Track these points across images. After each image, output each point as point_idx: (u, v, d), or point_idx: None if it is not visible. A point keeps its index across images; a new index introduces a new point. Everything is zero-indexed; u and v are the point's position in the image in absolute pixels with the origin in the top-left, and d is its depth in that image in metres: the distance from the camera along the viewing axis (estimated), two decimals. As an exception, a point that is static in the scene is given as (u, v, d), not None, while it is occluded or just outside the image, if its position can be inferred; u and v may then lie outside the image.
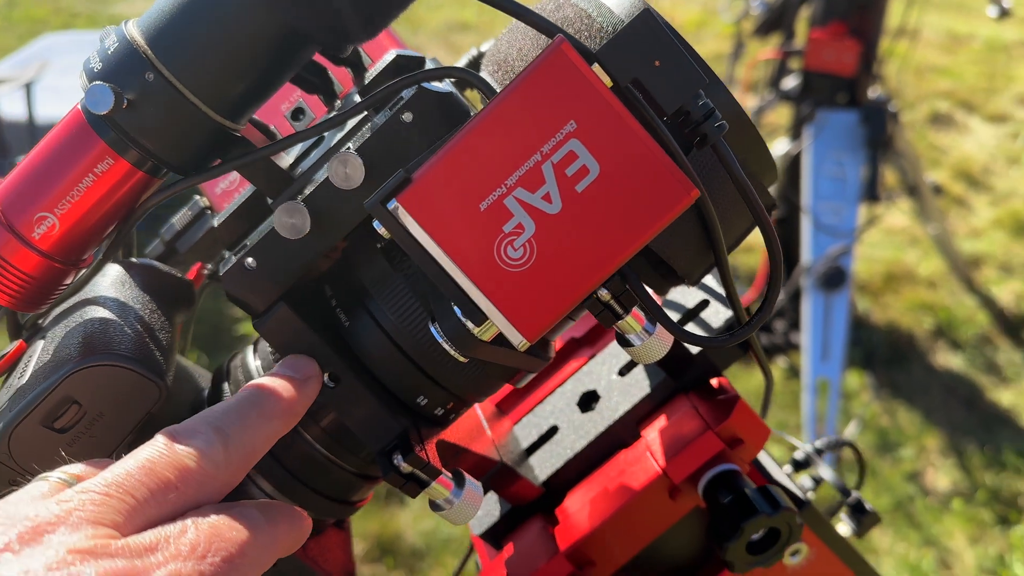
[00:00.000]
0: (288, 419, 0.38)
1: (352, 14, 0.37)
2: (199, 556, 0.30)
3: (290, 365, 0.40)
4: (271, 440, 0.37)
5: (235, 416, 0.36)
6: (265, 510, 0.34)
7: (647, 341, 0.40)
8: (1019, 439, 2.21)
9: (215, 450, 0.34)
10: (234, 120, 0.39)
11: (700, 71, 0.34)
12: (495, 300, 0.34)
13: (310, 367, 0.40)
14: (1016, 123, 3.78)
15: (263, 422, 0.36)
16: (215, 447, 0.34)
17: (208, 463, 0.33)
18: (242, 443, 0.35)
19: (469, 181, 0.34)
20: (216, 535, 0.31)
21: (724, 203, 0.40)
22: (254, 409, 0.36)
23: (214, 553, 0.30)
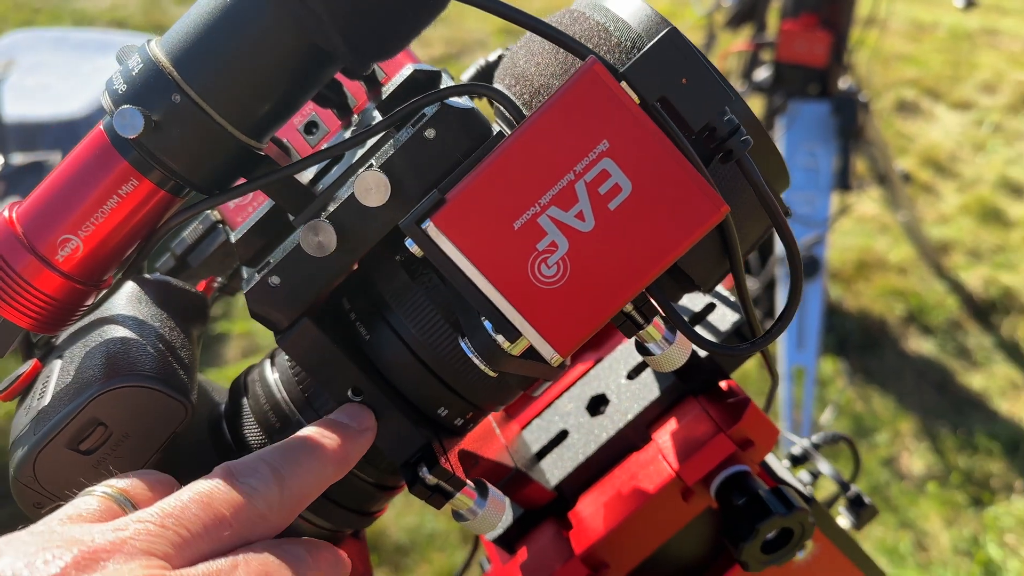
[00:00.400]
0: (342, 467, 0.38)
1: (377, 34, 0.37)
2: None
3: (349, 414, 0.41)
4: (324, 486, 0.37)
5: (293, 459, 0.36)
6: (312, 550, 0.35)
7: (667, 350, 0.41)
8: (990, 422, 2.26)
9: (271, 491, 0.34)
10: (258, 139, 0.39)
11: (725, 87, 0.35)
12: (529, 317, 0.35)
13: (368, 419, 0.41)
14: (980, 110, 3.85)
15: (319, 467, 0.37)
16: (271, 488, 0.34)
17: (263, 503, 0.34)
18: (297, 486, 0.35)
19: (503, 200, 0.34)
20: (264, 572, 0.31)
21: (741, 213, 0.40)
22: (312, 455, 0.37)
23: None
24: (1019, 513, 2.02)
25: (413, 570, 1.87)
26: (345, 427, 0.40)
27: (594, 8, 0.42)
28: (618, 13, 0.41)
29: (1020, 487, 2.09)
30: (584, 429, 0.57)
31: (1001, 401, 2.33)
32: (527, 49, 0.43)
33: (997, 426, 2.25)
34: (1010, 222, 3.06)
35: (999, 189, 3.25)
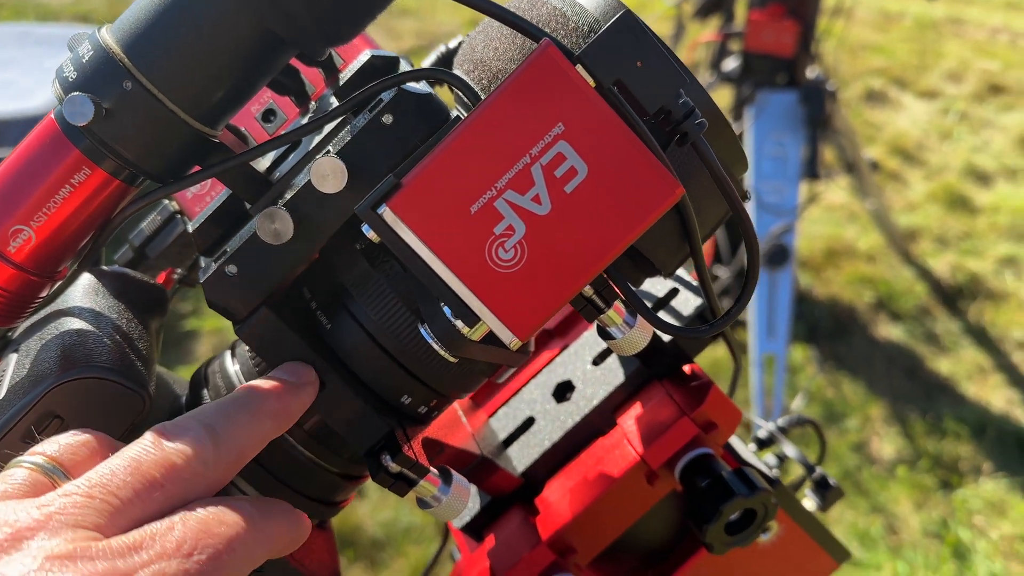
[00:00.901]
0: (280, 421, 0.37)
1: (332, 18, 0.37)
2: (185, 553, 0.29)
3: (287, 370, 0.40)
4: (262, 441, 0.36)
5: (226, 414, 0.35)
6: (260, 505, 0.34)
7: (628, 333, 0.41)
8: (959, 406, 2.30)
9: (204, 448, 0.33)
10: (212, 127, 0.39)
11: (680, 70, 0.35)
12: (487, 301, 0.35)
13: (307, 373, 0.40)
14: (946, 98, 3.90)
15: (255, 422, 0.36)
16: (204, 445, 0.33)
17: (197, 461, 0.33)
18: (232, 442, 0.34)
19: (459, 185, 0.34)
20: (204, 531, 0.30)
21: (699, 196, 0.41)
22: (246, 408, 0.36)
23: (201, 550, 0.30)
24: (987, 495, 2.06)
25: (389, 564, 1.87)
26: (282, 382, 0.39)
27: (552, -7, 0.42)
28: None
29: (988, 469, 2.12)
30: (550, 416, 0.57)
31: (968, 385, 2.36)
32: (485, 34, 0.43)
33: (965, 410, 2.28)
34: (976, 209, 3.10)
35: (965, 176, 3.29)
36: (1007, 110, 3.78)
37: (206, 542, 0.30)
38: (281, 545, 0.35)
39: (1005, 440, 2.20)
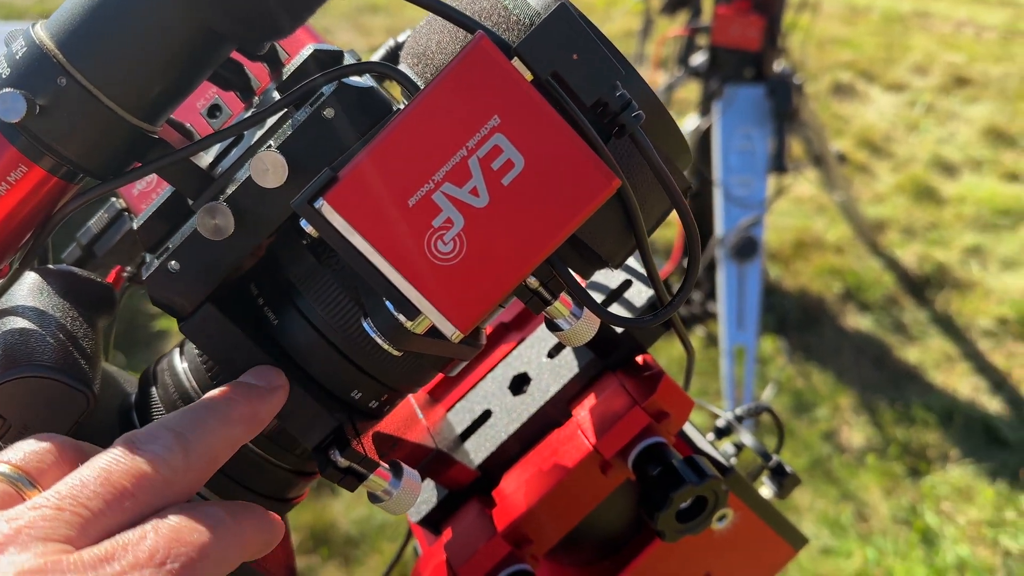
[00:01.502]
0: (251, 426, 0.37)
1: (271, 11, 0.36)
2: (158, 562, 0.29)
3: (256, 374, 0.40)
4: (233, 446, 0.36)
5: (196, 421, 0.35)
6: (232, 510, 0.34)
7: (575, 325, 0.41)
8: (926, 394, 2.33)
9: (174, 456, 0.33)
10: (151, 122, 0.38)
11: (616, 63, 0.35)
12: (427, 294, 0.35)
13: (278, 378, 0.40)
14: (913, 91, 3.94)
15: (225, 428, 0.36)
16: (174, 452, 0.33)
17: (166, 469, 0.32)
18: (203, 448, 0.34)
19: (396, 177, 0.34)
20: (176, 539, 0.30)
21: (643, 188, 0.41)
22: (216, 414, 0.36)
23: (174, 558, 0.30)
24: (954, 481, 2.09)
25: (364, 561, 1.87)
26: (251, 387, 0.38)
27: (495, -14, 0.42)
28: (517, -10, 0.41)
29: (955, 456, 2.15)
30: (507, 408, 0.58)
31: (936, 373, 2.40)
32: (429, 27, 0.43)
33: (932, 398, 2.31)
34: (943, 200, 3.14)
35: (932, 168, 3.33)
36: (972, 102, 3.83)
37: (179, 550, 0.30)
38: (254, 549, 0.35)
39: (971, 427, 2.23)
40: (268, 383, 0.39)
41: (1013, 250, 2.87)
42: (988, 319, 2.57)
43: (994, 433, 2.20)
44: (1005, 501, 2.03)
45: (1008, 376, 2.38)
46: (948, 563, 1.90)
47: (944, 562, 1.90)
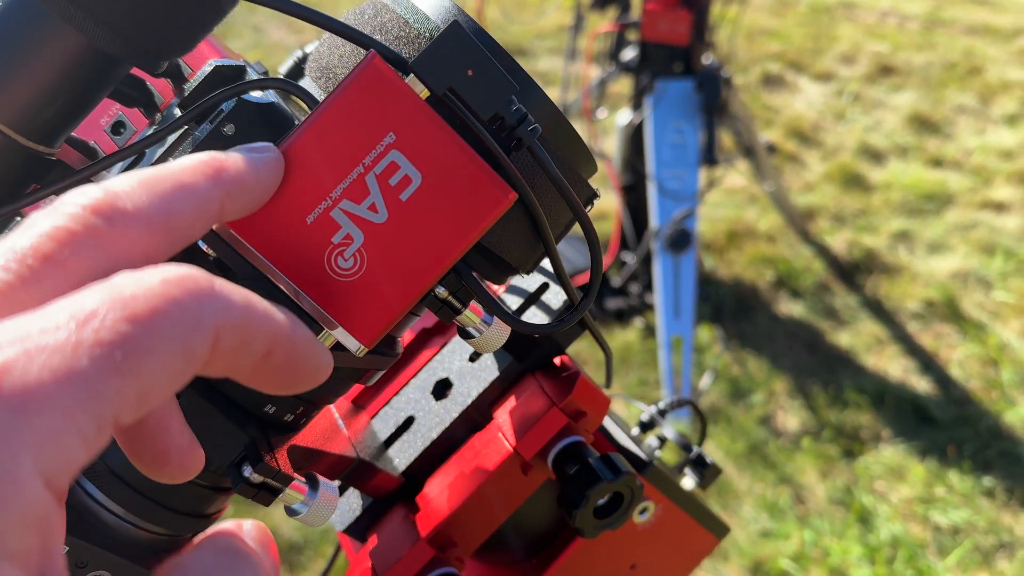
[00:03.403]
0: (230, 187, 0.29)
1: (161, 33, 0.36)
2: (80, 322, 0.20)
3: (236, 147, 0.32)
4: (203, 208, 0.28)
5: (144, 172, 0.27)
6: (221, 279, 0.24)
7: (486, 332, 0.42)
8: (858, 377, 2.39)
9: (104, 202, 0.25)
10: (48, 144, 0.38)
11: (510, 78, 0.36)
12: (329, 310, 0.35)
13: (263, 144, 0.33)
14: (840, 80, 4.03)
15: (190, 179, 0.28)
16: (103, 199, 0.25)
17: (97, 218, 0.24)
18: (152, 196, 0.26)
19: (293, 195, 0.34)
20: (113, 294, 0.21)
21: (547, 196, 0.42)
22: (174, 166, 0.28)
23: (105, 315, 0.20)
24: (887, 461, 2.15)
25: (308, 567, 1.86)
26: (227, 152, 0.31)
27: (396, 1, 0.43)
28: (418, 5, 0.42)
29: (887, 436, 2.22)
30: (430, 414, 0.58)
31: (867, 356, 2.46)
32: (332, 40, 0.43)
33: (864, 380, 2.38)
34: (870, 187, 3.23)
35: (859, 156, 3.42)
36: (897, 90, 3.94)
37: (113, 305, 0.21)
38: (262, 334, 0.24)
39: (902, 407, 2.30)
40: (249, 148, 0.32)
41: (938, 234, 2.96)
42: (916, 302, 2.65)
43: (923, 412, 2.28)
44: (935, 478, 2.10)
45: (936, 357, 2.46)
46: (882, 540, 1.96)
47: (878, 540, 1.96)
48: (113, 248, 0.24)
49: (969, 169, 3.33)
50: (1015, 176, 3.26)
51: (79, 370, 0.19)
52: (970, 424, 2.24)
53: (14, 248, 0.23)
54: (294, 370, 0.26)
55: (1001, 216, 3.06)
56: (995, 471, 2.11)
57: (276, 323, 0.25)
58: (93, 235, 0.24)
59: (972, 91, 3.91)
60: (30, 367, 0.19)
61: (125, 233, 0.25)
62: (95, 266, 0.24)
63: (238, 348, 0.23)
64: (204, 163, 0.29)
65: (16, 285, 0.22)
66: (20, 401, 0.18)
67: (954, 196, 3.16)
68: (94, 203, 0.24)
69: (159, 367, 0.21)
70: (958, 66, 4.12)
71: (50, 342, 0.20)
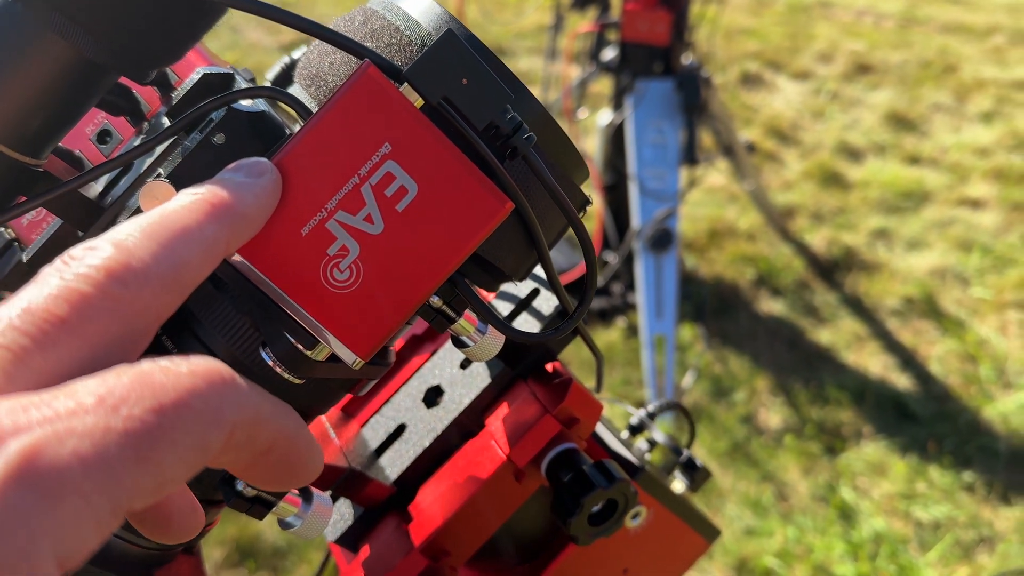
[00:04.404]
0: (234, 222, 0.29)
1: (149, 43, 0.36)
2: (110, 407, 0.20)
3: (231, 167, 0.32)
4: (211, 251, 0.28)
5: (150, 222, 0.27)
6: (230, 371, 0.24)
7: (481, 341, 0.42)
8: (839, 374, 2.41)
9: (119, 264, 0.24)
10: (35, 156, 0.37)
11: (505, 87, 0.36)
12: (325, 323, 0.35)
13: (259, 163, 0.32)
14: (818, 79, 4.06)
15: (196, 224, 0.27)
16: (118, 260, 0.25)
17: (113, 282, 0.24)
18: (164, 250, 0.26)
19: (287, 207, 0.34)
20: (142, 382, 0.21)
21: (541, 204, 0.42)
22: (180, 210, 0.28)
23: (135, 403, 0.21)
24: (868, 457, 2.17)
25: (292, 571, 1.84)
26: (224, 180, 0.30)
27: (387, 7, 0.42)
28: (409, 11, 0.41)
29: (868, 432, 2.24)
30: (421, 421, 0.58)
31: (847, 353, 2.48)
32: (321, 47, 0.43)
33: (845, 377, 2.40)
34: (849, 185, 3.25)
35: (838, 154, 3.45)
36: (874, 88, 3.97)
37: (142, 393, 0.21)
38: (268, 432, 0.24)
39: (883, 404, 2.32)
40: (250, 172, 0.32)
41: (916, 231, 2.99)
42: (895, 299, 2.67)
43: (904, 409, 2.30)
44: (916, 474, 2.12)
45: (915, 353, 2.48)
46: (865, 537, 1.97)
47: (861, 536, 1.97)
48: (127, 310, 0.24)
49: (946, 166, 3.37)
50: (991, 173, 3.30)
51: (105, 458, 0.20)
52: (950, 420, 2.26)
53: (30, 310, 0.23)
54: (288, 470, 0.26)
55: (977, 213, 3.10)
56: (974, 466, 2.13)
57: (283, 424, 0.25)
58: (108, 299, 0.24)
59: (948, 89, 3.95)
60: (60, 451, 0.19)
61: (139, 295, 0.25)
62: (110, 330, 0.24)
63: (245, 444, 0.24)
64: (206, 202, 0.29)
65: (33, 351, 0.22)
66: (47, 487, 0.19)
67: (931, 193, 3.19)
68: (108, 265, 0.24)
69: (178, 459, 0.21)
70: (933, 64, 4.17)
71: (79, 427, 0.20)
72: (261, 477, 0.26)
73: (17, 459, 0.19)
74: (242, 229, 0.30)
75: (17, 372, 0.22)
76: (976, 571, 1.90)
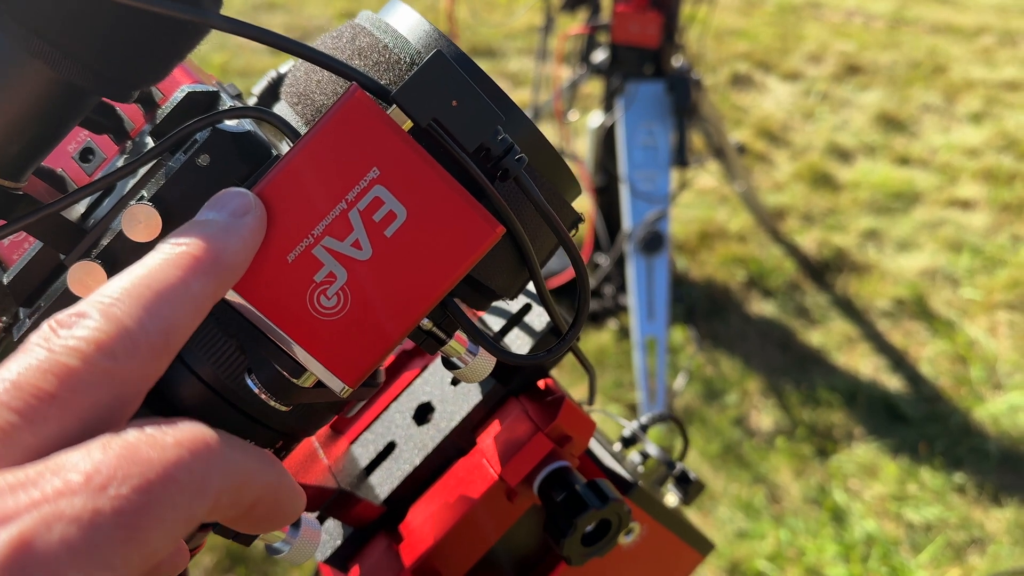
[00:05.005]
0: (217, 273, 0.28)
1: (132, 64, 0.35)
2: (96, 487, 0.20)
3: (213, 204, 0.31)
4: (195, 308, 0.27)
5: (133, 282, 0.26)
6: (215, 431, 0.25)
7: (472, 362, 0.41)
8: (830, 376, 2.41)
9: (107, 336, 0.24)
10: (14, 179, 0.37)
11: (495, 108, 0.35)
12: (312, 351, 0.34)
13: (242, 200, 0.31)
14: (808, 80, 4.07)
15: (182, 282, 0.27)
16: (106, 331, 0.24)
17: (102, 356, 0.24)
18: (152, 317, 0.25)
19: (273, 233, 0.33)
20: (129, 456, 0.21)
21: (532, 224, 0.41)
22: (165, 267, 0.27)
23: (121, 481, 0.21)
24: (859, 459, 2.17)
25: (283, 577, 1.83)
26: (207, 223, 0.29)
27: (375, 24, 0.42)
28: (398, 29, 0.41)
29: (859, 434, 2.24)
30: (411, 439, 0.57)
31: (838, 355, 2.48)
32: (306, 66, 0.42)
33: (836, 379, 2.40)
34: (839, 186, 3.26)
35: (828, 155, 3.45)
36: (863, 89, 3.98)
37: (129, 470, 0.21)
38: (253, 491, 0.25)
39: (874, 405, 2.32)
40: (231, 211, 0.30)
41: (906, 232, 2.99)
42: (885, 300, 2.68)
43: (895, 410, 2.30)
44: (907, 475, 2.12)
45: (906, 355, 2.48)
46: (856, 538, 1.97)
47: (853, 538, 1.97)
48: (116, 381, 0.24)
49: (935, 167, 3.37)
50: (980, 174, 3.31)
51: (94, 543, 0.20)
52: (940, 421, 2.27)
53: (17, 384, 0.23)
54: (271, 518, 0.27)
55: (967, 214, 3.10)
56: (965, 467, 2.14)
57: (267, 481, 0.26)
58: (97, 372, 0.24)
59: (937, 90, 3.96)
60: (50, 539, 0.19)
61: (128, 365, 0.24)
62: (99, 402, 0.24)
63: (230, 505, 0.24)
64: (191, 256, 0.28)
65: (21, 427, 0.22)
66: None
67: (921, 194, 3.20)
68: (96, 336, 0.24)
69: (166, 532, 0.21)
70: (923, 65, 4.18)
71: (67, 511, 0.20)
72: (245, 526, 0.26)
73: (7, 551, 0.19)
74: (228, 278, 0.29)
75: (4, 449, 0.22)
76: (967, 572, 1.90)
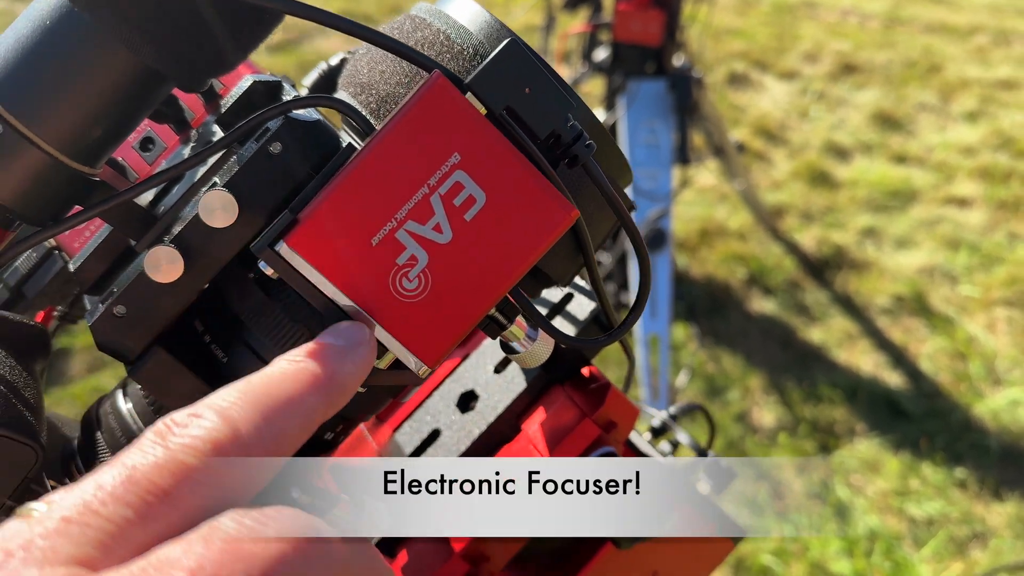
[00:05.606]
0: (330, 393, 0.29)
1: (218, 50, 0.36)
2: None
3: (333, 331, 0.33)
4: (308, 422, 0.28)
5: (250, 391, 0.27)
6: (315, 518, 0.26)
7: (531, 347, 0.42)
8: (831, 372, 2.43)
9: (224, 437, 0.25)
10: (92, 165, 0.37)
11: (567, 95, 0.36)
12: (394, 332, 0.35)
13: (359, 333, 0.33)
14: (804, 79, 4.09)
15: (298, 396, 0.28)
16: (223, 432, 0.25)
17: (216, 455, 0.25)
18: (268, 424, 0.27)
19: (358, 217, 0.34)
20: (232, 550, 0.22)
21: (590, 210, 0.42)
22: (284, 379, 0.28)
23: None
24: (861, 454, 2.18)
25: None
26: (324, 346, 0.31)
27: (434, 14, 0.42)
28: (458, 19, 0.41)
29: (861, 430, 2.25)
30: (456, 426, 0.58)
31: (839, 352, 2.50)
32: (369, 56, 0.43)
33: (837, 375, 2.42)
34: (837, 184, 3.28)
35: (825, 153, 3.47)
36: (860, 88, 4.00)
37: (233, 568, 0.22)
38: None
39: (875, 401, 2.34)
40: (348, 340, 0.32)
41: (904, 230, 3.01)
42: (885, 297, 2.69)
43: (896, 406, 2.32)
44: (909, 470, 2.14)
45: (906, 351, 2.50)
46: (859, 533, 1.99)
47: (856, 533, 1.99)
48: (228, 484, 0.25)
49: (932, 165, 3.40)
50: (976, 172, 3.33)
51: None
52: (941, 417, 2.28)
53: (134, 479, 0.24)
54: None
55: (964, 211, 3.13)
56: (966, 462, 2.16)
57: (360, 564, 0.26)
58: (212, 474, 0.25)
59: (932, 88, 3.98)
60: None
61: (241, 470, 0.25)
62: (209, 503, 0.24)
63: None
64: (310, 373, 0.29)
65: (135, 523, 0.23)
66: None
67: (918, 192, 3.22)
68: (213, 437, 0.25)
69: None
70: (918, 64, 4.20)
71: None
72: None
73: None
74: (338, 399, 0.30)
75: (116, 545, 0.23)
76: (969, 566, 1.92)
